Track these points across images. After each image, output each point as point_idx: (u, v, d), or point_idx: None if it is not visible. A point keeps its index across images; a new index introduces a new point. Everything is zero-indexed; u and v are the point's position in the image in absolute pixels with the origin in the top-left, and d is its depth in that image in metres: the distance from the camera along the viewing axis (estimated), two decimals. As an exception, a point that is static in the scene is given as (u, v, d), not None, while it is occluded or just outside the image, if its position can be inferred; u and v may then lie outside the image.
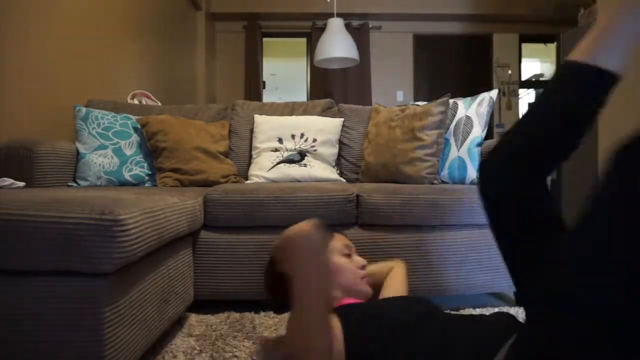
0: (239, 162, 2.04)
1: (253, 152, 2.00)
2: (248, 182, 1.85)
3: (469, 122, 1.72)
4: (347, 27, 4.33)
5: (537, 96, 0.78)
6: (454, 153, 1.74)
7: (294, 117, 2.04)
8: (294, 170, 1.87)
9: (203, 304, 1.45)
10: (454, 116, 1.82)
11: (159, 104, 2.56)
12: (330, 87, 4.63)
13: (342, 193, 1.45)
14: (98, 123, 1.80)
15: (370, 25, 4.71)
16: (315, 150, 1.94)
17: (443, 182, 1.78)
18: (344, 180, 1.97)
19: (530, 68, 5.93)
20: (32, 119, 1.82)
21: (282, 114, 2.12)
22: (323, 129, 1.98)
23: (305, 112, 2.14)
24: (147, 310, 0.96)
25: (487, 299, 1.64)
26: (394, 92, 4.78)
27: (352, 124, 2.11)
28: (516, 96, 4.88)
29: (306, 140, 1.94)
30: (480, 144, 1.67)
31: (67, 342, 0.77)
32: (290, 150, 1.93)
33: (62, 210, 0.77)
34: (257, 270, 1.42)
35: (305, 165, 1.89)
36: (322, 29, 4.07)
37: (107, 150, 1.77)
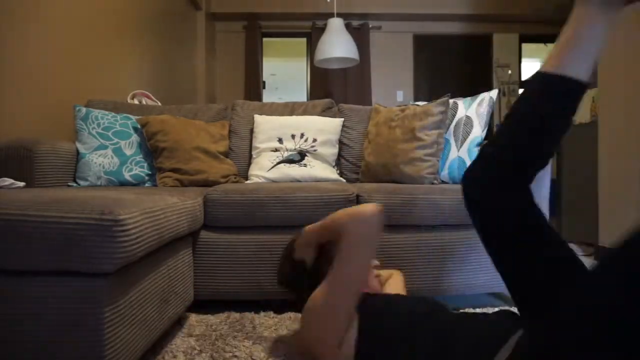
0: (239, 162, 2.04)
1: (253, 152, 2.00)
2: (248, 182, 1.85)
3: (469, 122, 1.72)
4: (347, 27, 4.33)
5: (511, 108, 0.80)
6: (454, 153, 1.74)
7: (294, 117, 2.04)
8: (294, 170, 1.87)
9: (203, 304, 1.45)
10: (454, 116, 1.82)
11: (159, 104, 2.56)
12: (330, 87, 4.63)
13: (342, 193, 1.45)
14: (98, 123, 1.80)
15: (370, 25, 4.71)
16: (315, 150, 1.94)
17: (443, 182, 1.78)
18: (344, 180, 1.97)
19: (530, 68, 5.92)
20: (32, 119, 1.82)
21: (282, 114, 2.12)
22: (323, 129, 1.98)
23: (305, 112, 2.15)
24: (147, 310, 0.96)
25: (487, 299, 1.64)
26: (394, 92, 4.78)
27: (352, 124, 2.11)
28: (516, 96, 4.89)
29: (306, 140, 1.94)
30: (480, 144, 1.67)
31: (67, 342, 0.77)
32: (290, 150, 1.93)
33: (62, 210, 0.77)
34: (257, 270, 1.43)
35: (305, 165, 1.89)
36: (322, 29, 4.07)
37: (107, 150, 1.77)
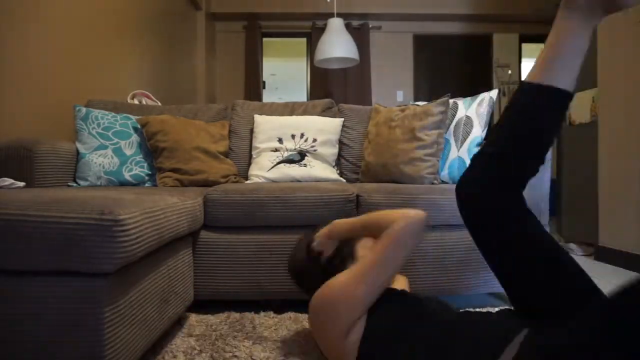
0: (239, 162, 2.04)
1: (253, 152, 2.00)
2: (248, 182, 1.85)
3: (469, 122, 1.72)
4: (347, 27, 4.33)
5: (500, 117, 0.81)
6: (454, 153, 1.74)
7: (294, 117, 2.04)
8: (294, 170, 1.87)
9: (203, 304, 1.45)
10: (454, 116, 1.82)
11: (159, 104, 2.56)
12: (330, 87, 4.62)
13: (342, 193, 1.45)
14: (98, 123, 1.80)
15: (370, 25, 4.70)
16: (315, 150, 1.94)
17: (443, 182, 1.78)
18: (344, 180, 1.96)
19: (530, 68, 5.93)
20: (32, 119, 1.82)
21: (282, 114, 2.12)
22: (323, 129, 1.98)
23: (305, 112, 2.14)
24: (147, 310, 0.96)
25: (487, 299, 1.64)
26: (394, 92, 4.78)
27: (352, 124, 2.11)
28: (516, 96, 4.88)
29: (306, 140, 1.94)
30: (480, 144, 1.67)
31: (67, 342, 0.77)
32: (290, 150, 1.93)
33: (62, 210, 0.77)
34: (257, 270, 1.43)
35: (305, 165, 1.89)
36: (322, 29, 4.07)
37: (107, 150, 1.77)
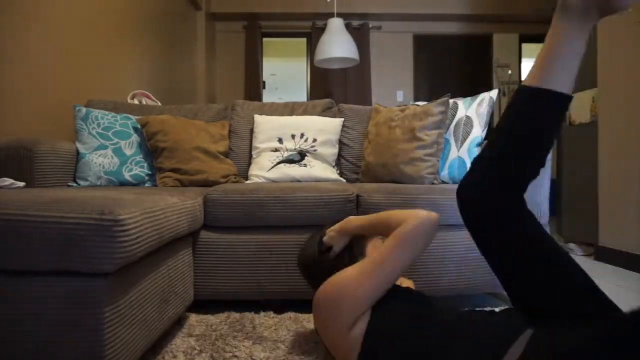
0: (239, 162, 2.04)
1: (253, 152, 2.00)
2: (248, 182, 1.85)
3: (469, 122, 1.72)
4: (347, 27, 4.33)
5: (500, 120, 0.81)
6: (454, 153, 1.74)
7: (294, 117, 2.04)
8: (294, 170, 1.87)
9: (203, 304, 1.45)
10: (454, 116, 1.82)
11: (159, 104, 2.56)
12: (330, 87, 4.62)
13: (342, 193, 1.45)
14: (98, 123, 1.80)
15: (370, 25, 4.70)
16: (315, 150, 1.94)
17: (443, 182, 1.78)
18: (344, 180, 1.96)
19: (530, 68, 5.93)
20: (32, 119, 1.82)
21: (282, 114, 2.12)
22: (323, 129, 1.98)
23: (305, 112, 2.14)
24: (147, 310, 0.96)
25: (487, 299, 1.64)
26: (394, 92, 4.78)
27: (352, 124, 2.11)
28: (516, 96, 4.88)
29: (306, 140, 1.94)
30: (480, 144, 1.67)
31: (67, 342, 0.77)
32: (290, 150, 1.93)
33: (62, 210, 0.77)
34: (257, 270, 1.43)
35: (305, 165, 1.89)
36: (322, 29, 4.07)
37: (107, 150, 1.77)
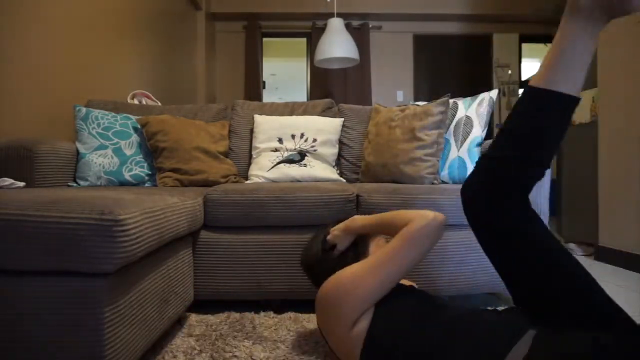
0: (239, 162, 2.04)
1: (253, 152, 2.00)
2: (248, 182, 1.85)
3: (469, 122, 1.72)
4: (347, 27, 4.33)
5: (505, 122, 0.80)
6: (454, 153, 1.74)
7: (294, 117, 2.04)
8: (294, 170, 1.87)
9: (203, 304, 1.45)
10: (454, 116, 1.82)
11: (159, 104, 2.56)
12: (330, 87, 4.62)
13: (342, 193, 1.45)
14: (98, 123, 1.80)
15: (370, 25, 4.70)
16: (315, 150, 1.94)
17: (443, 182, 1.78)
18: (344, 180, 1.96)
19: (530, 68, 5.91)
20: (32, 119, 1.82)
21: (282, 114, 2.12)
22: (323, 129, 1.98)
23: (305, 112, 2.14)
24: (147, 310, 0.96)
25: (487, 299, 1.64)
26: (394, 92, 4.77)
27: (352, 124, 2.11)
28: (516, 96, 4.88)
29: (306, 140, 1.94)
30: (480, 144, 1.67)
31: (67, 342, 0.77)
32: (290, 150, 1.93)
33: (62, 210, 0.77)
34: (257, 270, 1.43)
35: (305, 165, 1.89)
36: (322, 29, 4.07)
37: (107, 150, 1.77)
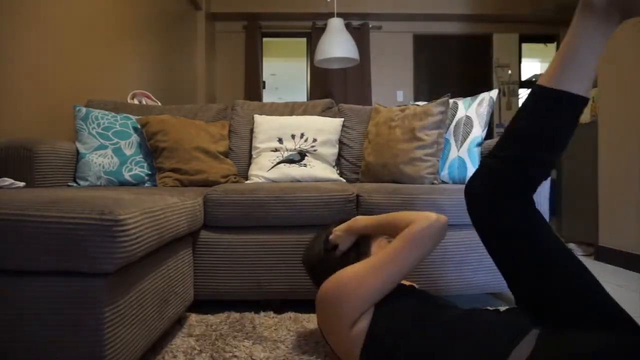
0: (239, 162, 2.04)
1: (253, 152, 2.00)
2: (248, 182, 1.85)
3: (469, 122, 1.72)
4: (347, 27, 4.33)
5: (512, 120, 0.80)
6: (454, 153, 1.74)
7: (294, 117, 2.04)
8: (294, 170, 1.87)
9: (203, 304, 1.45)
10: (454, 116, 1.82)
11: (159, 104, 2.56)
12: (330, 87, 4.62)
13: (342, 193, 1.45)
14: (98, 123, 1.80)
15: (370, 25, 4.70)
16: (315, 150, 1.94)
17: (443, 182, 1.78)
18: (344, 180, 1.96)
19: (530, 68, 5.92)
20: (32, 119, 1.82)
21: (282, 114, 2.12)
22: (323, 129, 1.98)
23: (305, 112, 2.14)
24: (147, 310, 0.96)
25: (487, 299, 1.64)
26: (394, 92, 4.77)
27: (352, 124, 2.11)
28: (516, 96, 4.88)
29: (306, 140, 1.94)
30: (480, 144, 1.67)
31: (67, 342, 0.77)
32: (290, 150, 1.93)
33: (62, 210, 0.77)
34: (257, 270, 1.43)
35: (305, 165, 1.89)
36: (322, 29, 4.07)
37: (107, 150, 1.77)
